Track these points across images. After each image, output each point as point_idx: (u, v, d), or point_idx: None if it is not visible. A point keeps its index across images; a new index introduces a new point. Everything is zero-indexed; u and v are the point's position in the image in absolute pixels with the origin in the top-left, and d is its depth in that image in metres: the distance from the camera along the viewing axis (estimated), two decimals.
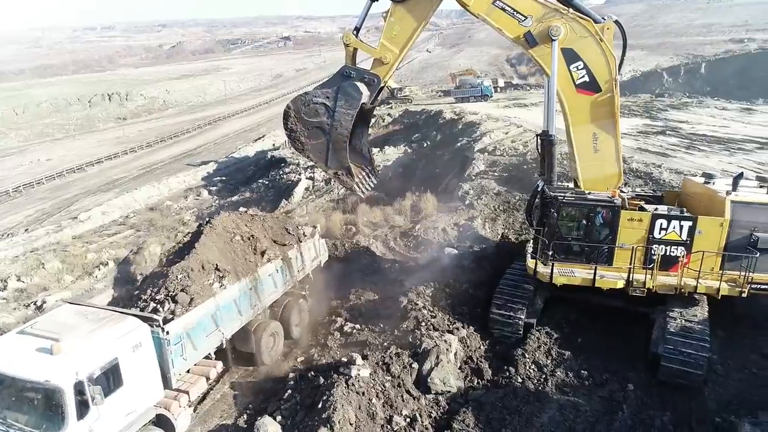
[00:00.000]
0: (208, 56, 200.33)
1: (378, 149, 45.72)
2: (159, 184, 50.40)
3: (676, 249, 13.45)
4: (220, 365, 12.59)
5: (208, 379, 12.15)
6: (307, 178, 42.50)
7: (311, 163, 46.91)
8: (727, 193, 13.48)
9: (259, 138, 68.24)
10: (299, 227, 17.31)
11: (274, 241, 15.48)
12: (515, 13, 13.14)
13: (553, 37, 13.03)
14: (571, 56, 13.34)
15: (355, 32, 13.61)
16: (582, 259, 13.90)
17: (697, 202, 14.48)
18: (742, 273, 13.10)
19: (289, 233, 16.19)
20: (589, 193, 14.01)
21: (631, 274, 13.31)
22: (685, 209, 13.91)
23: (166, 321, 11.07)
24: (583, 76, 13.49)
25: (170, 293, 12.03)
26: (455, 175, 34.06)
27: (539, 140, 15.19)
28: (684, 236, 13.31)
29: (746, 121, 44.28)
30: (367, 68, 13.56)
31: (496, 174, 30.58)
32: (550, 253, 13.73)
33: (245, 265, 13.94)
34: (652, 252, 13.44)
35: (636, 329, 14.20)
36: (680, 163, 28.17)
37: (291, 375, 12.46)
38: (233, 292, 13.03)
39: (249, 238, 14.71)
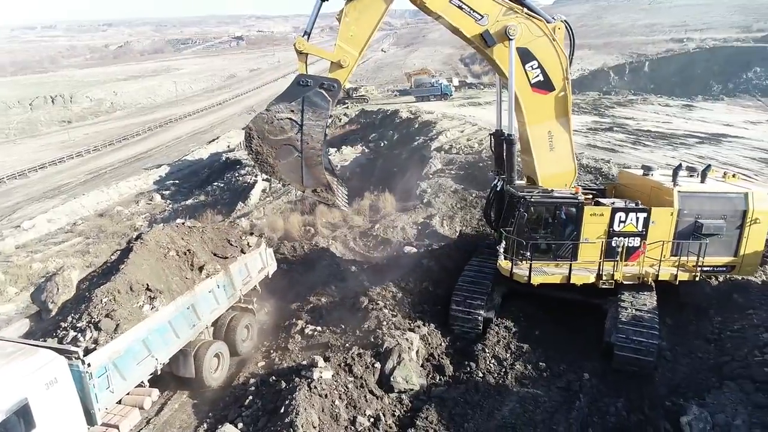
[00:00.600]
0: (158, 56, 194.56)
1: (335, 149, 45.59)
2: (108, 189, 48.63)
3: (634, 240, 14.07)
4: (155, 393, 11.78)
5: (142, 408, 11.30)
6: (263, 180, 41.89)
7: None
8: (675, 184, 14.24)
9: (214, 140, 66.86)
10: (243, 237, 16.42)
11: (215, 254, 14.62)
12: (472, 11, 13.03)
13: (511, 37, 13.08)
14: (525, 56, 13.45)
15: (305, 37, 12.72)
16: (550, 257, 14.19)
17: (638, 193, 15.10)
18: (691, 258, 13.91)
19: (231, 245, 15.32)
20: (552, 191, 14.29)
21: (601, 268, 13.80)
22: (639, 201, 14.45)
23: (87, 352, 10.12)
24: (538, 75, 13.67)
25: (93, 320, 10.95)
26: (413, 174, 34.32)
27: (493, 139, 15.48)
28: (640, 227, 13.95)
29: (687, 117, 46.46)
30: (321, 74, 12.93)
31: (452, 172, 30.97)
32: (528, 253, 13.81)
33: (181, 283, 13.02)
34: (616, 244, 13.97)
35: (590, 320, 14.65)
36: (628, 158, 29.23)
37: (252, 381, 12.25)
38: (168, 314, 12.13)
39: (185, 253, 13.73)
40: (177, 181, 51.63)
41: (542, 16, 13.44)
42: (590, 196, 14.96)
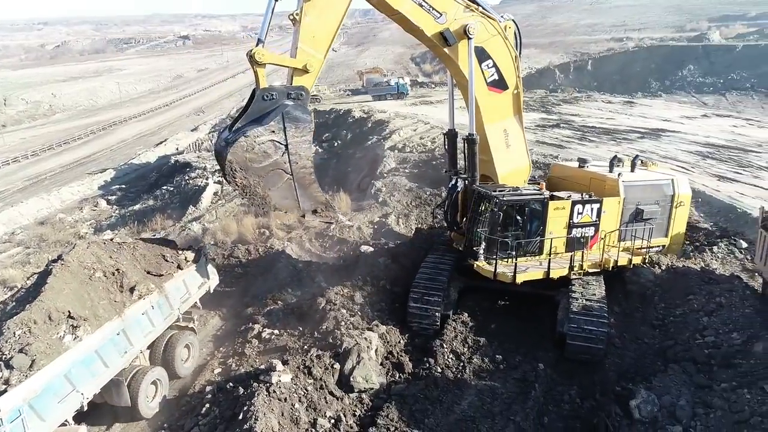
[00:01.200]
0: (99, 57, 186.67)
1: None
2: (49, 195, 46.31)
3: (589, 230, 14.80)
4: (83, 429, 10.92)
5: None
6: (215, 182, 40.94)
7: (218, 167, 45.77)
8: (619, 175, 15.11)
9: (161, 142, 64.79)
10: (181, 251, 15.19)
11: (149, 272, 13.45)
12: (431, 9, 12.77)
13: (470, 36, 13.00)
14: (481, 55, 13.43)
15: (260, 45, 11.29)
16: (521, 253, 14.40)
17: (576, 185, 15.67)
18: (636, 243, 14.99)
19: (167, 260, 14.15)
20: (518, 188, 14.57)
21: (573, 260, 14.33)
22: (593, 193, 15.05)
23: None
24: (493, 75, 13.74)
25: (4, 357, 9.80)
26: (367, 174, 34.36)
27: (446, 139, 15.57)
28: (594, 217, 14.67)
29: (628, 113, 48.44)
30: (279, 83, 11.99)
31: (407, 170, 31.20)
32: (500, 252, 13.93)
33: (110, 307, 11.85)
34: (577, 235, 14.60)
35: (543, 312, 15.08)
36: (575, 154, 30.20)
37: (208, 388, 11.95)
38: (94, 343, 11.04)
39: (114, 273, 12.53)
40: (123, 186, 49.74)
41: (493, 15, 13.49)
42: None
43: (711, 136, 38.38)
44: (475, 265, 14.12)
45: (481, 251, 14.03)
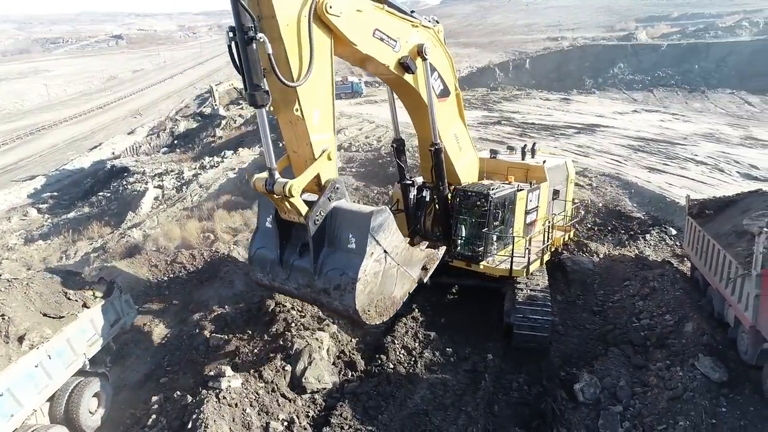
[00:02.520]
0: (24, 57, 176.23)
1: (232, 152, 44.18)
2: None
3: (533, 215, 15.80)
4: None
5: None
6: (155, 187, 39.63)
7: (160, 170, 44.04)
8: (544, 162, 16.39)
9: (96, 147, 61.91)
10: (89, 286, 13.19)
11: (45, 315, 11.53)
12: (389, 39, 11.47)
13: (426, 56, 12.13)
14: (430, 69, 12.62)
15: (276, 173, 9.82)
16: (501, 246, 14.93)
17: (498, 175, 16.20)
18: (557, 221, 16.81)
19: (69, 299, 12.27)
20: (492, 184, 14.91)
21: (546, 246, 15.34)
22: (534, 181, 15.88)
23: None
24: (440, 85, 13.26)
25: None
26: None
27: (395, 149, 15.26)
28: (536, 203, 15.72)
29: (565, 110, 50.33)
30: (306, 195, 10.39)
31: (353, 170, 31.19)
32: (491, 246, 14.49)
33: None
34: (530, 221, 15.67)
35: (490, 304, 15.46)
36: (547, 157, 31.13)
37: (154, 398, 11.51)
38: None
39: None
40: (56, 193, 47.19)
41: (428, 23, 12.62)
42: None
43: (641, 130, 40.47)
44: (482, 267, 14.41)
45: (490, 250, 14.54)
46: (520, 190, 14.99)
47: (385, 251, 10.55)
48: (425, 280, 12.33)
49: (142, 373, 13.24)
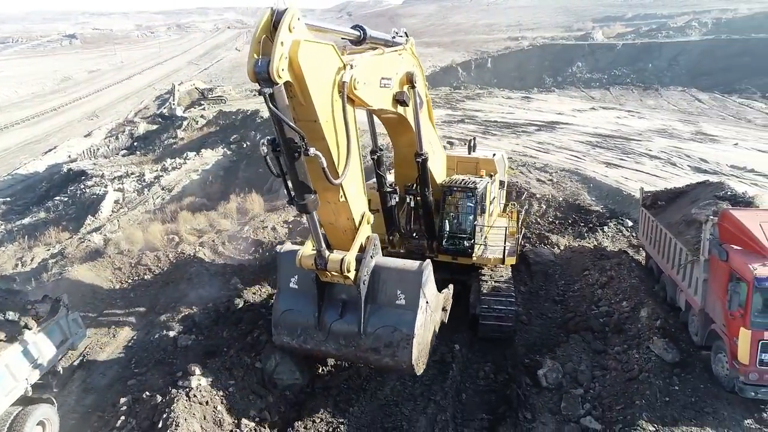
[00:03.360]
0: None
1: (194, 153, 43.53)
2: None
3: (493, 205, 16.63)
4: None
5: None
6: (115, 190, 38.69)
7: (119, 173, 42.99)
8: (493, 155, 17.24)
9: (50, 150, 59.83)
10: (30, 305, 12.21)
11: None
12: (388, 81, 11.19)
13: (416, 84, 12.10)
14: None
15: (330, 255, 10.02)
16: (482, 237, 15.51)
17: (448, 169, 16.51)
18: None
19: (8, 320, 11.46)
20: (469, 178, 15.41)
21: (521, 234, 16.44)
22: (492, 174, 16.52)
23: None
24: (419, 100, 13.04)
25: None
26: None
27: (374, 161, 15.24)
28: (494, 194, 16.45)
29: (526, 108, 51.44)
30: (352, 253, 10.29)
31: None
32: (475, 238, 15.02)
33: None
34: (490, 212, 16.19)
35: (456, 297, 15.78)
36: (486, 152, 31.75)
37: (123, 400, 11.40)
38: None
39: None
40: (8, 199, 45.44)
41: (404, 42, 12.42)
42: None
43: (599, 127, 41.74)
44: (474, 258, 14.91)
45: (469, 245, 14.96)
46: (492, 182, 15.70)
47: (427, 302, 10.93)
48: (445, 321, 12.74)
49: (109, 377, 13.03)
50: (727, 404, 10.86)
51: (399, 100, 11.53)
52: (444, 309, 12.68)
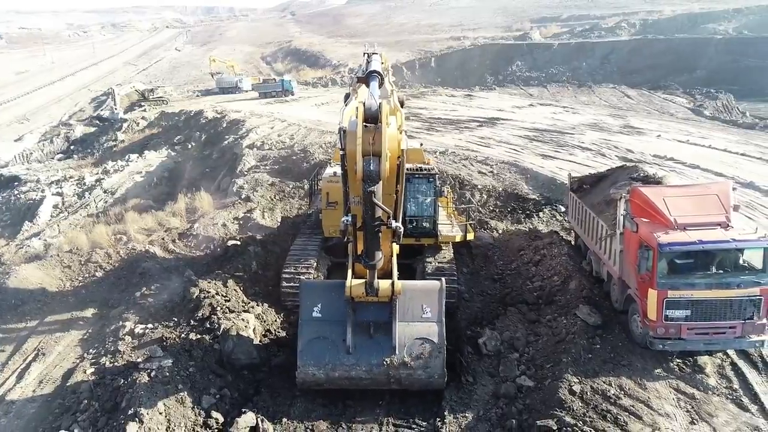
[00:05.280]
0: None
1: (137, 155, 42.74)
2: None
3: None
4: None
5: None
6: (54, 194, 37.49)
7: (57, 177, 41.56)
8: (421, 145, 18.87)
9: None
10: None
11: None
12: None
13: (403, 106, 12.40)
14: None
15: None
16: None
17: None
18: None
19: None
20: (420, 166, 16.46)
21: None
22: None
23: None
24: None
25: None
26: (227, 173, 34.07)
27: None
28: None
29: (469, 105, 53.29)
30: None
31: (268, 167, 31.61)
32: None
33: None
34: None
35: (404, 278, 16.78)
36: (426, 143, 32.98)
37: (84, 386, 11.68)
38: None
39: None
40: None
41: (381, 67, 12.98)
42: None
43: (536, 122, 43.89)
44: (440, 237, 16.29)
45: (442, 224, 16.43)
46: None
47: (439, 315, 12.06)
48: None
49: (65, 368, 13.21)
50: (640, 357, 12.33)
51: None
52: None
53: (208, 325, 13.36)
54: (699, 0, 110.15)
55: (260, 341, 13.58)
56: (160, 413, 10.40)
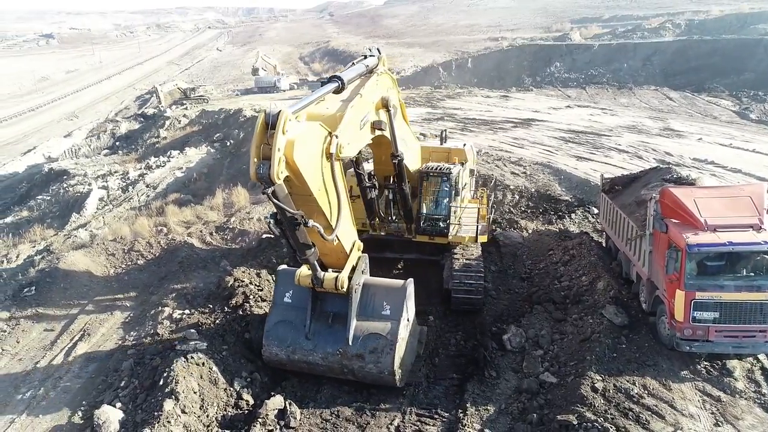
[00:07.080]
0: None
1: (178, 151, 44.21)
2: None
3: (466, 190, 18.02)
4: None
5: None
6: (100, 188, 39.17)
7: (102, 172, 43.38)
8: (464, 144, 18.70)
9: (29, 150, 59.72)
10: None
11: None
12: (365, 116, 11.99)
13: (390, 108, 12.96)
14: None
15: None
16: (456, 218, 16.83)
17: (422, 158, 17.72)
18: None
19: None
20: (438, 165, 16.64)
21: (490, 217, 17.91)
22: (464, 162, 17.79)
23: None
24: (393, 110, 13.61)
25: None
26: None
27: (353, 161, 15.89)
28: (466, 180, 17.76)
29: (504, 106, 53.00)
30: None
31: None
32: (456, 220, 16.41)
33: None
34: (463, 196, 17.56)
35: (430, 274, 17.06)
36: (457, 142, 33.09)
37: (125, 364, 12.42)
38: None
39: None
40: None
41: (373, 63, 12.99)
42: None
43: (572, 123, 43.37)
44: (450, 237, 16.21)
45: (453, 221, 16.25)
46: (464, 169, 17.04)
47: (408, 319, 12.33)
48: (421, 353, 13.77)
49: (108, 348, 14.02)
50: (666, 359, 12.27)
51: (376, 127, 12.60)
52: (420, 342, 13.78)
53: (241, 312, 13.93)
54: (749, 0, 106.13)
55: None
56: (195, 392, 11.00)
